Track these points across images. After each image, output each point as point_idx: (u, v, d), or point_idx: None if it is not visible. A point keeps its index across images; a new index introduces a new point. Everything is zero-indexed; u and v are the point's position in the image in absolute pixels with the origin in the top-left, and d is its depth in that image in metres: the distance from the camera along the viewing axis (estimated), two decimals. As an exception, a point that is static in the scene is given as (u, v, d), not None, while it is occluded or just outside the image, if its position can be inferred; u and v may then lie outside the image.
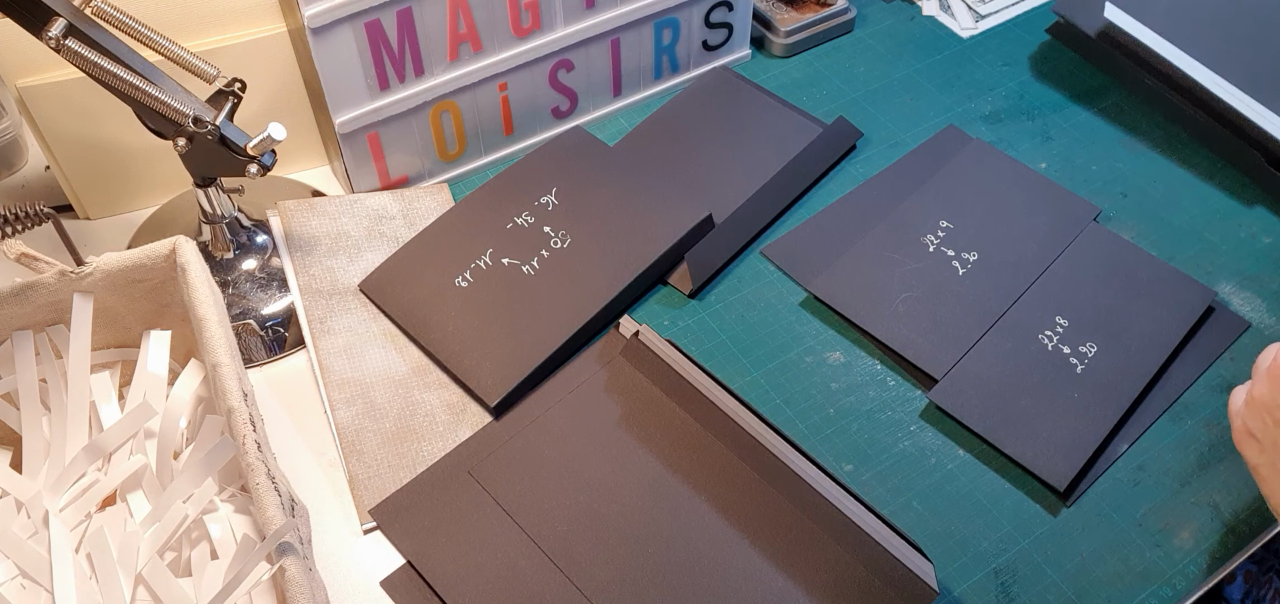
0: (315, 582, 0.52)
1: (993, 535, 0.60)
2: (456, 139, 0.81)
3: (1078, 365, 0.66)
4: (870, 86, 0.90)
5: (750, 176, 0.80)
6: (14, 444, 0.61)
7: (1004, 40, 0.93)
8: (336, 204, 0.77)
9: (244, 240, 0.72)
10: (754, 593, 0.57)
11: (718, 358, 0.70)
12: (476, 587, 0.57)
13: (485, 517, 0.60)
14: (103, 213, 0.80)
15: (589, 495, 0.61)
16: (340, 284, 0.72)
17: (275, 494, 0.51)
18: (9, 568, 0.54)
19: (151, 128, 0.65)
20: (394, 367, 0.68)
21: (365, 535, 0.61)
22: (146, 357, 0.61)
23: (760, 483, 0.61)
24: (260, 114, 0.76)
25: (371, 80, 0.74)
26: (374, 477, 0.63)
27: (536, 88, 0.82)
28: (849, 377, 0.69)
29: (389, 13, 0.71)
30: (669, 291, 0.74)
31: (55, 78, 0.71)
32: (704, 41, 0.88)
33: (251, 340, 0.70)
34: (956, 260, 0.73)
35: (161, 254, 0.59)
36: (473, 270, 0.72)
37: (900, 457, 0.64)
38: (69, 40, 0.59)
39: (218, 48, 0.73)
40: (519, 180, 0.78)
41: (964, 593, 0.58)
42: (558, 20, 0.79)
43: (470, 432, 0.65)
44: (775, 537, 0.59)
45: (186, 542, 0.56)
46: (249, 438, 0.52)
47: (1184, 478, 0.63)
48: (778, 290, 0.74)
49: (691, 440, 0.63)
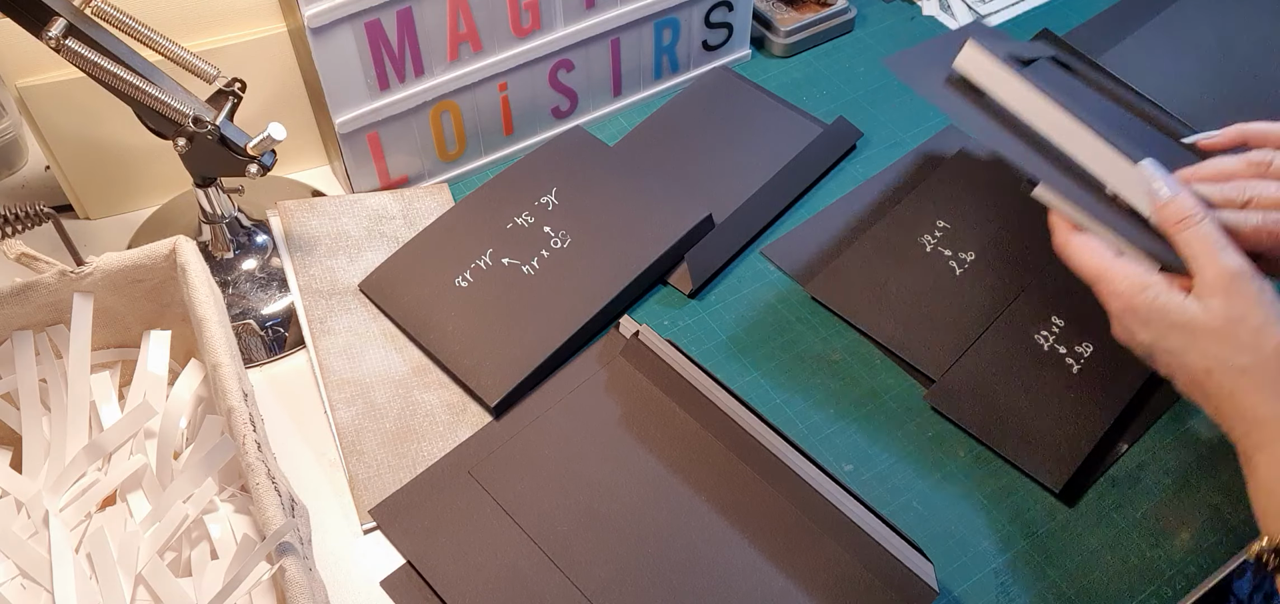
0: (315, 582, 0.52)
1: (993, 535, 0.60)
2: (456, 139, 0.81)
3: (1074, 365, 0.66)
4: (870, 86, 0.90)
5: (750, 176, 0.80)
6: (14, 444, 0.61)
7: (1004, 40, 0.93)
8: (336, 204, 0.77)
9: (244, 240, 0.73)
10: (754, 593, 0.57)
11: (718, 358, 0.70)
12: (476, 587, 0.57)
13: (485, 517, 0.60)
14: (103, 213, 0.80)
15: (589, 495, 0.61)
16: (340, 284, 0.72)
17: (275, 494, 0.51)
18: (9, 568, 0.54)
19: (151, 128, 0.65)
20: (394, 367, 0.68)
21: (365, 535, 0.61)
22: (146, 357, 0.61)
23: (760, 483, 0.61)
24: (260, 114, 0.76)
25: (371, 80, 0.74)
26: (374, 477, 0.63)
27: (536, 88, 0.82)
28: (849, 377, 0.69)
29: (389, 13, 0.71)
30: (669, 292, 0.74)
31: (55, 78, 0.71)
32: (704, 41, 0.88)
33: (251, 340, 0.70)
34: (954, 260, 0.73)
35: (161, 254, 0.59)
36: (473, 270, 0.72)
37: (900, 457, 0.64)
38: (69, 40, 0.59)
39: (218, 48, 0.73)
40: (519, 180, 0.78)
41: (964, 593, 0.58)
42: (558, 20, 0.79)
43: (470, 432, 0.65)
44: (775, 537, 0.59)
45: (186, 542, 0.56)
46: (249, 438, 0.52)
47: (1184, 478, 0.63)
48: (778, 290, 0.74)
49: (691, 440, 0.63)
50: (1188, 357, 0.53)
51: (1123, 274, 0.55)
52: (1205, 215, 0.54)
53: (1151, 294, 0.54)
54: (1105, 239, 0.57)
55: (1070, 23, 0.93)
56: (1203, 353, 0.52)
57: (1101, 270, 0.56)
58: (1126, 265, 0.55)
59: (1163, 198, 0.55)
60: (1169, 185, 0.55)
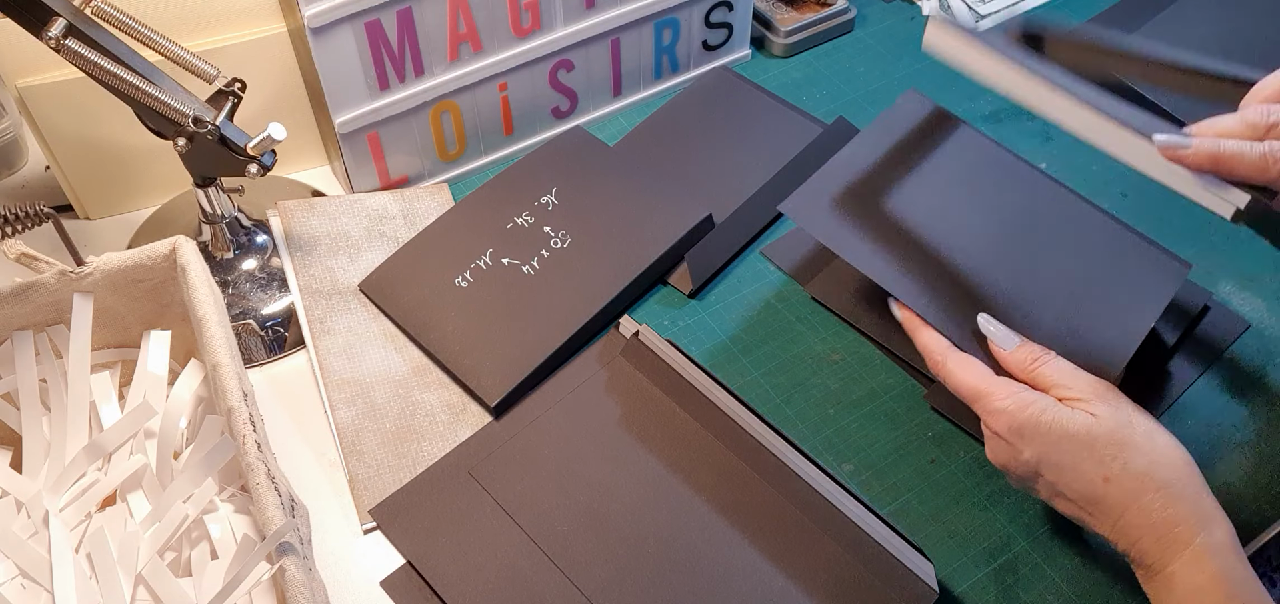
0: (315, 582, 0.52)
1: (993, 535, 0.60)
2: (456, 139, 0.81)
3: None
4: (870, 86, 0.90)
5: (750, 176, 0.80)
6: (14, 444, 0.61)
7: (1004, 40, 0.93)
8: (336, 204, 0.77)
9: (244, 240, 0.73)
10: (754, 593, 0.57)
11: (718, 358, 0.70)
12: (476, 587, 0.57)
13: (485, 517, 0.60)
14: (103, 213, 0.80)
15: (589, 495, 0.61)
16: (340, 284, 0.72)
17: (275, 494, 0.51)
18: (9, 568, 0.54)
19: (151, 128, 0.65)
20: (394, 367, 0.68)
21: (365, 535, 0.61)
22: (146, 357, 0.61)
23: (760, 483, 0.61)
24: (260, 114, 0.76)
25: (371, 80, 0.74)
26: (374, 477, 0.63)
27: (536, 88, 0.82)
28: (849, 376, 0.69)
29: (389, 13, 0.71)
30: (669, 292, 0.74)
31: (55, 78, 0.71)
32: (704, 41, 0.88)
33: (251, 340, 0.70)
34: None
35: (161, 254, 0.59)
36: (473, 270, 0.72)
37: (900, 457, 0.64)
38: (69, 40, 0.59)
39: (218, 48, 0.73)
40: (519, 180, 0.78)
41: (964, 593, 0.58)
42: (558, 20, 0.79)
43: (470, 431, 0.65)
44: (775, 537, 0.59)
45: (186, 542, 0.56)
46: (249, 438, 0.52)
47: (1184, 478, 0.63)
48: (778, 290, 0.74)
49: (691, 440, 0.63)
50: (1083, 467, 0.51)
51: (1006, 392, 0.54)
52: (1052, 354, 0.56)
53: (1037, 408, 0.53)
54: (994, 332, 0.58)
55: (1070, 23, 0.93)
56: (1100, 460, 0.51)
57: (981, 390, 0.55)
58: (1008, 383, 0.55)
59: (1009, 348, 0.56)
60: (1008, 339, 0.57)
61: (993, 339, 0.58)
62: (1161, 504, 0.50)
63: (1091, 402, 0.52)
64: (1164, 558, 0.50)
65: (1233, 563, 0.48)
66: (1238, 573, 0.48)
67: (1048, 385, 0.54)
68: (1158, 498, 0.50)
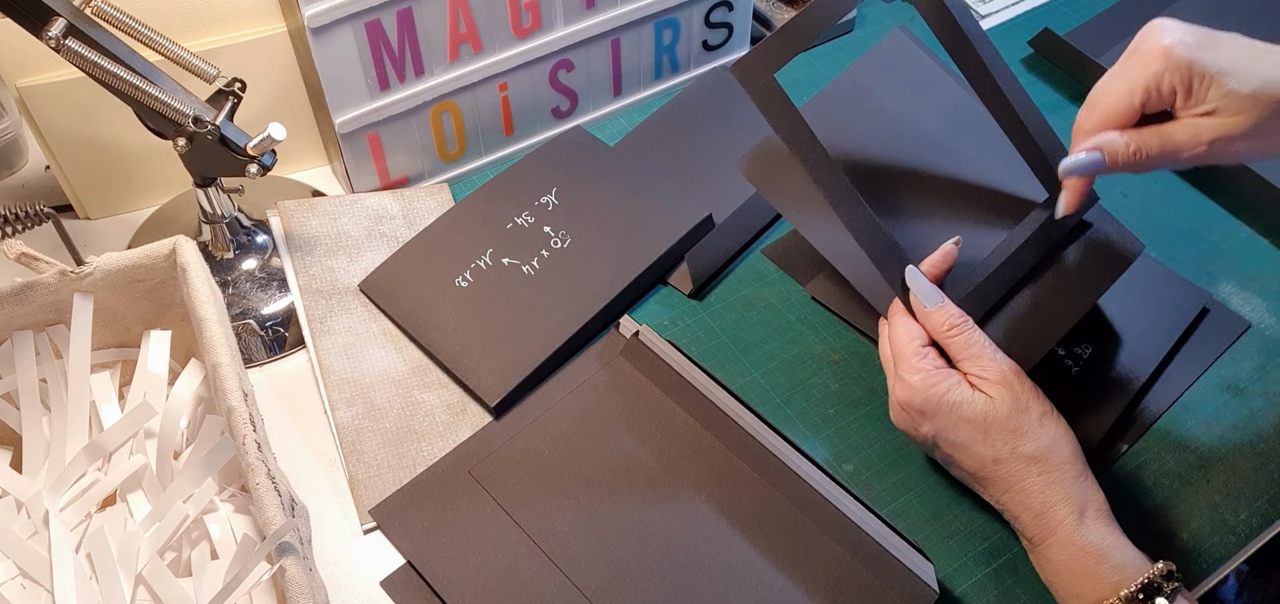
0: (315, 582, 0.52)
1: (993, 535, 0.60)
2: (456, 139, 0.81)
3: (1073, 366, 0.66)
4: (870, 86, 0.90)
5: (750, 176, 0.80)
6: (14, 444, 0.61)
7: (1003, 41, 0.93)
8: (336, 204, 0.77)
9: (244, 240, 0.73)
10: (754, 593, 0.57)
11: (718, 358, 0.70)
12: (476, 587, 0.57)
13: (485, 517, 0.60)
14: (103, 213, 0.80)
15: (589, 495, 0.61)
16: (340, 284, 0.72)
17: (275, 494, 0.51)
18: (9, 568, 0.54)
19: (151, 128, 0.65)
20: (394, 367, 0.68)
21: (365, 535, 0.61)
22: (146, 357, 0.61)
23: (760, 483, 0.61)
24: (260, 114, 0.76)
25: (371, 80, 0.74)
26: (374, 477, 0.63)
27: (536, 88, 0.82)
28: (849, 376, 0.69)
29: (389, 13, 0.71)
30: (669, 291, 0.74)
31: (55, 78, 0.71)
32: (704, 41, 0.88)
33: (251, 340, 0.70)
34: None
35: (161, 254, 0.59)
36: (473, 270, 0.72)
37: (900, 457, 0.64)
38: (69, 40, 0.59)
39: (218, 48, 0.73)
40: (519, 180, 0.78)
41: (964, 593, 0.58)
42: (558, 20, 0.79)
43: (470, 431, 0.65)
44: (775, 536, 0.59)
45: (186, 542, 0.56)
46: (249, 438, 0.52)
47: (1184, 478, 0.63)
48: (778, 290, 0.74)
49: (691, 440, 0.63)
50: (976, 448, 0.55)
51: (920, 370, 0.56)
52: (970, 323, 0.57)
53: (941, 390, 0.55)
54: None
55: (1070, 23, 0.93)
56: (992, 444, 0.55)
57: (898, 355, 0.58)
58: (924, 362, 0.57)
59: (929, 306, 0.58)
60: (931, 296, 0.58)
61: (915, 294, 0.59)
62: (1041, 487, 0.54)
63: (994, 384, 0.55)
64: (1041, 534, 0.54)
65: (1100, 534, 0.53)
66: (1105, 541, 0.52)
67: (958, 357, 0.57)
68: (1039, 481, 0.54)
